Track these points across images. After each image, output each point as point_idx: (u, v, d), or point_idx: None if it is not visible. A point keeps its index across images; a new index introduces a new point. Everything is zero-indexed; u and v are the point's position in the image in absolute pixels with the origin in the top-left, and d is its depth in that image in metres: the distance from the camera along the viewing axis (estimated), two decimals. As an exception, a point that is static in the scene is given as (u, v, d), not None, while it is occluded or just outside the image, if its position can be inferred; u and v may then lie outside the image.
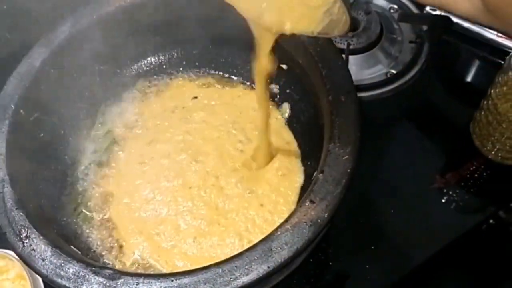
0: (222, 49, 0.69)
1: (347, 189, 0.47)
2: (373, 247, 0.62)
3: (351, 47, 0.76)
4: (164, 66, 0.69)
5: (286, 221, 0.45)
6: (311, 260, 0.59)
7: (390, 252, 0.62)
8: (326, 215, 0.45)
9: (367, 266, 0.60)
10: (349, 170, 0.47)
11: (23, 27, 0.86)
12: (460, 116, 0.73)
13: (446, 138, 0.72)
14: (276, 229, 0.45)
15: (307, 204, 0.46)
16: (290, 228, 0.45)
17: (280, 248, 0.44)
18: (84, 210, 0.59)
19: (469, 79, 0.78)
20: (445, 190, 0.66)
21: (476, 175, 0.67)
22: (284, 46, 0.60)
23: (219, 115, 0.66)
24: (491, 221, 0.65)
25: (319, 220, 0.45)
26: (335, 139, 0.49)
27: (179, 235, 0.56)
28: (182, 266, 0.54)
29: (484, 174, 0.67)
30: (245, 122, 0.65)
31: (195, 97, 0.67)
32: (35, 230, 0.47)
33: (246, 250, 0.44)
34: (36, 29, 0.85)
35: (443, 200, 0.65)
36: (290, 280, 0.53)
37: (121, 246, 0.57)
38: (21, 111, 0.54)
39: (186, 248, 0.55)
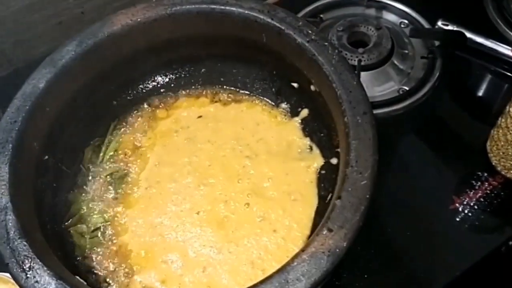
0: (231, 66, 0.67)
1: (366, 216, 0.45)
2: (387, 273, 0.59)
3: (362, 63, 0.74)
4: (172, 85, 0.68)
5: (302, 250, 0.43)
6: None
7: (406, 278, 0.59)
8: (344, 244, 0.43)
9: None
10: (367, 196, 0.45)
11: (26, 43, 0.85)
12: (476, 134, 0.71)
13: (461, 157, 0.70)
14: (292, 259, 0.43)
15: (324, 233, 0.44)
16: (307, 258, 0.42)
17: (297, 280, 0.41)
18: (88, 236, 0.57)
19: (483, 95, 0.76)
20: (462, 212, 0.64)
21: (494, 195, 0.65)
22: (296, 63, 0.59)
23: (223, 133, 0.64)
24: (510, 243, 0.63)
25: (337, 250, 0.43)
26: (352, 163, 0.47)
27: (188, 264, 0.54)
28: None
29: (502, 194, 0.65)
30: (248, 136, 0.63)
31: (200, 116, 0.65)
32: (39, 260, 0.45)
33: (261, 282, 0.42)
34: (40, 45, 0.85)
35: (461, 222, 0.63)
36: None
37: (127, 273, 0.55)
38: (25, 134, 0.52)
39: (195, 278, 0.53)
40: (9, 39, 0.84)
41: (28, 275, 0.44)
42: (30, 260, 0.45)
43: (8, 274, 0.54)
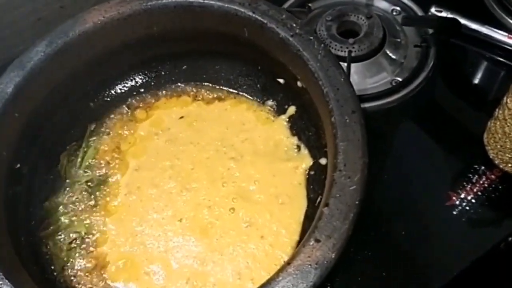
0: (213, 62, 0.64)
1: (356, 224, 0.42)
2: (384, 274, 0.57)
3: (352, 54, 0.71)
4: (152, 84, 0.64)
5: (288, 263, 0.40)
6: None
7: (403, 279, 0.56)
8: (333, 255, 0.40)
9: (378, 295, 0.55)
10: (357, 202, 0.42)
11: (5, 41, 0.82)
12: (473, 125, 0.68)
13: (458, 150, 0.67)
14: (277, 273, 0.40)
15: (311, 243, 0.41)
16: (293, 271, 0.40)
17: (285, 293, 0.39)
18: (66, 247, 0.54)
19: (479, 83, 0.73)
20: (459, 207, 0.61)
21: (491, 189, 0.62)
22: (280, 58, 0.56)
23: (205, 134, 0.61)
24: (510, 238, 0.61)
25: (325, 262, 0.40)
26: (340, 167, 0.44)
27: (171, 275, 0.51)
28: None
29: (500, 188, 0.62)
30: (233, 136, 0.60)
31: (182, 117, 0.62)
32: (7, 281, 0.42)
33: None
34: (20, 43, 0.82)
35: (458, 217, 0.60)
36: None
37: (108, 287, 0.52)
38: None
39: (179, 291, 0.50)
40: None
41: (-5, 299, 0.41)
42: (-3, 281, 0.42)
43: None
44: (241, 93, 0.63)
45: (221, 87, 0.64)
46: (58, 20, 0.78)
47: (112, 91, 0.63)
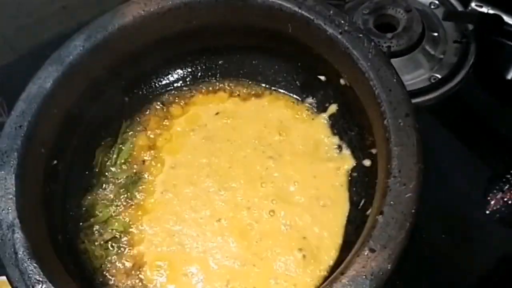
0: (250, 58, 0.62)
1: (412, 233, 0.40)
2: (420, 279, 0.55)
3: (391, 49, 0.69)
4: (187, 79, 0.62)
5: (342, 273, 0.39)
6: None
7: (446, 285, 0.55)
8: (389, 266, 0.39)
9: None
10: (413, 211, 0.41)
11: (29, 29, 0.80)
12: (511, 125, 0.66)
13: (497, 152, 0.65)
14: (331, 283, 0.39)
15: (366, 253, 0.39)
16: (347, 282, 0.38)
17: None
18: (103, 246, 0.53)
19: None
20: (498, 212, 0.59)
21: (532, 193, 0.60)
22: (324, 56, 0.54)
23: (243, 131, 0.59)
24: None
25: (381, 273, 0.39)
26: (395, 173, 0.42)
27: (210, 277, 0.50)
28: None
29: (541, 191, 0.60)
30: (270, 135, 0.58)
31: (218, 113, 0.60)
32: (51, 285, 0.41)
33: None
34: (44, 31, 0.80)
35: (498, 223, 0.59)
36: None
37: (144, 286, 0.51)
38: (32, 140, 0.47)
39: (219, 293, 0.49)
40: (11, 25, 0.80)
41: (40, 301, 0.40)
42: (41, 284, 0.41)
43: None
44: (279, 89, 0.61)
45: (258, 83, 0.62)
46: (83, 9, 0.77)
47: (148, 86, 0.62)
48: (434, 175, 0.62)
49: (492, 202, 0.60)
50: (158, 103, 0.61)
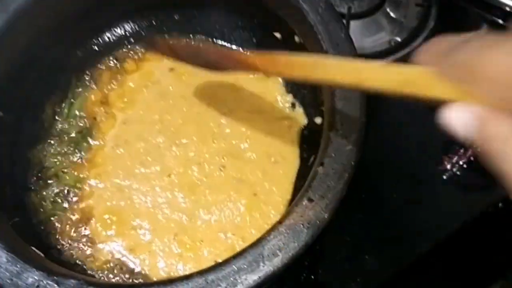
0: (207, 14, 0.60)
1: (349, 184, 0.41)
2: (374, 235, 0.57)
3: (352, 11, 0.68)
4: (142, 34, 0.61)
5: (280, 222, 0.39)
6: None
7: (393, 240, 0.56)
8: (326, 215, 0.39)
9: (366, 257, 0.55)
10: (353, 163, 0.41)
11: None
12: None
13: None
14: (268, 232, 0.39)
15: (304, 203, 0.40)
16: (284, 230, 0.39)
17: (273, 254, 0.38)
18: (51, 199, 0.52)
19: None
20: (451, 171, 0.61)
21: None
22: (278, 11, 0.53)
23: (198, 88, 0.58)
24: (500, 204, 0.61)
25: (317, 222, 0.39)
26: (337, 126, 0.42)
27: (158, 231, 0.50)
28: (163, 267, 0.48)
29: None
30: (225, 92, 0.58)
31: (172, 69, 0.59)
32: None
33: (234, 257, 0.38)
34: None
35: (449, 182, 0.60)
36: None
37: (92, 241, 0.51)
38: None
39: (166, 246, 0.49)
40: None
41: (-24, 248, 0.39)
42: (-22, 231, 0.40)
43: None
44: (235, 46, 0.60)
45: (215, 39, 0.61)
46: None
47: (101, 40, 0.60)
48: (390, 136, 0.63)
49: (447, 164, 0.61)
50: (111, 58, 0.60)
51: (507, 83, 0.19)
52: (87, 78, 0.59)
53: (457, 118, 0.20)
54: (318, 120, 0.53)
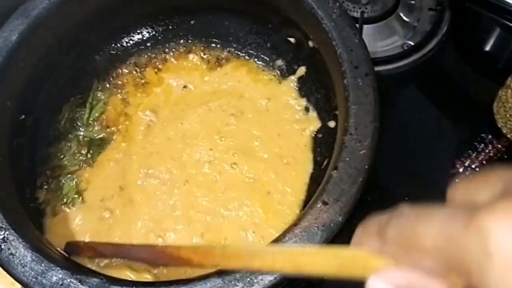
0: (222, 19, 0.62)
1: (364, 188, 0.41)
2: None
3: (365, 15, 0.69)
4: (159, 38, 0.62)
5: (295, 224, 0.40)
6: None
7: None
8: (340, 218, 0.40)
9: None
10: (366, 167, 0.42)
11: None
12: (483, 94, 0.67)
13: (466, 118, 0.66)
14: (284, 234, 0.40)
15: (319, 206, 0.41)
16: (299, 232, 0.40)
17: (290, 255, 0.39)
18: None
19: (492, 51, 0.71)
20: (463, 175, 0.61)
21: (497, 159, 0.61)
22: (292, 17, 0.54)
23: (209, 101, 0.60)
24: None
25: (332, 224, 0.40)
26: (351, 130, 0.43)
27: (185, 232, 0.51)
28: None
29: (506, 157, 0.61)
30: (235, 98, 0.59)
31: (185, 87, 0.61)
32: (13, 231, 0.42)
33: (250, 258, 0.39)
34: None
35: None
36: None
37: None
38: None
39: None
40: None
41: (2, 247, 0.41)
42: (4, 231, 0.42)
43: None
44: (250, 51, 0.61)
45: (230, 44, 0.62)
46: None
47: (119, 44, 0.61)
48: (402, 140, 0.64)
49: (459, 168, 0.62)
50: (131, 63, 0.61)
51: (444, 252, 0.20)
52: (107, 84, 0.60)
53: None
54: (331, 124, 0.54)
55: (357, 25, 0.65)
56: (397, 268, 0.21)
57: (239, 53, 0.62)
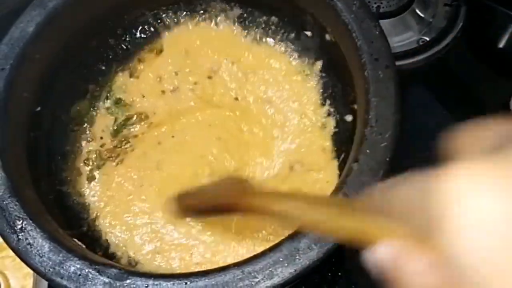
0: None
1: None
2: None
3: (380, 10, 0.69)
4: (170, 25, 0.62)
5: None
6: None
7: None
8: (361, 211, 0.39)
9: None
10: (387, 159, 0.41)
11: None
12: (499, 91, 0.67)
13: (481, 114, 0.64)
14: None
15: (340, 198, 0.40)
16: (319, 227, 0.39)
17: (309, 248, 0.38)
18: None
19: (508, 47, 0.71)
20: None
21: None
22: (310, 9, 0.54)
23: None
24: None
25: (353, 217, 0.39)
26: (371, 123, 0.42)
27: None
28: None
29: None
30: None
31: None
32: (31, 221, 0.41)
33: (270, 250, 0.39)
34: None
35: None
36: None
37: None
38: (14, 84, 0.48)
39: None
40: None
41: (20, 237, 0.41)
42: (21, 220, 0.41)
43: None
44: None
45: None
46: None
47: (137, 34, 0.61)
48: (415, 138, 0.63)
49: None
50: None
51: (408, 213, 0.20)
52: (123, 75, 0.60)
53: (378, 256, 0.22)
54: (348, 117, 0.54)
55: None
56: (388, 242, 0.21)
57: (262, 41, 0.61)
